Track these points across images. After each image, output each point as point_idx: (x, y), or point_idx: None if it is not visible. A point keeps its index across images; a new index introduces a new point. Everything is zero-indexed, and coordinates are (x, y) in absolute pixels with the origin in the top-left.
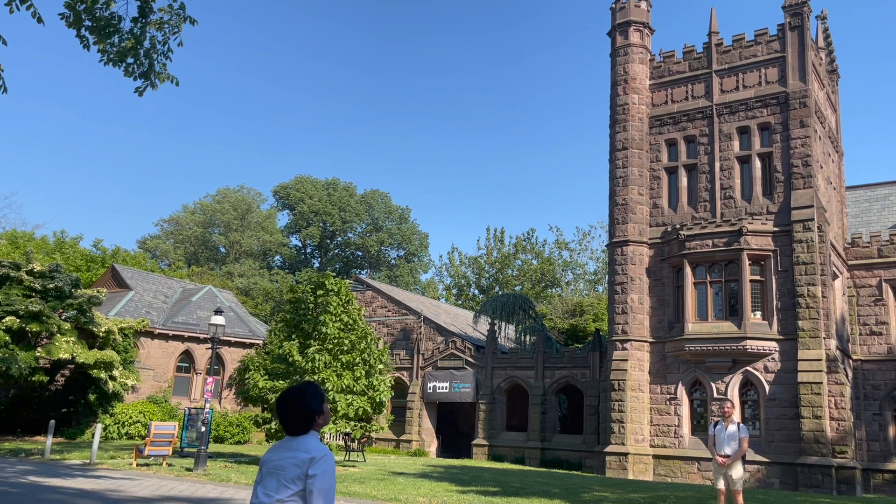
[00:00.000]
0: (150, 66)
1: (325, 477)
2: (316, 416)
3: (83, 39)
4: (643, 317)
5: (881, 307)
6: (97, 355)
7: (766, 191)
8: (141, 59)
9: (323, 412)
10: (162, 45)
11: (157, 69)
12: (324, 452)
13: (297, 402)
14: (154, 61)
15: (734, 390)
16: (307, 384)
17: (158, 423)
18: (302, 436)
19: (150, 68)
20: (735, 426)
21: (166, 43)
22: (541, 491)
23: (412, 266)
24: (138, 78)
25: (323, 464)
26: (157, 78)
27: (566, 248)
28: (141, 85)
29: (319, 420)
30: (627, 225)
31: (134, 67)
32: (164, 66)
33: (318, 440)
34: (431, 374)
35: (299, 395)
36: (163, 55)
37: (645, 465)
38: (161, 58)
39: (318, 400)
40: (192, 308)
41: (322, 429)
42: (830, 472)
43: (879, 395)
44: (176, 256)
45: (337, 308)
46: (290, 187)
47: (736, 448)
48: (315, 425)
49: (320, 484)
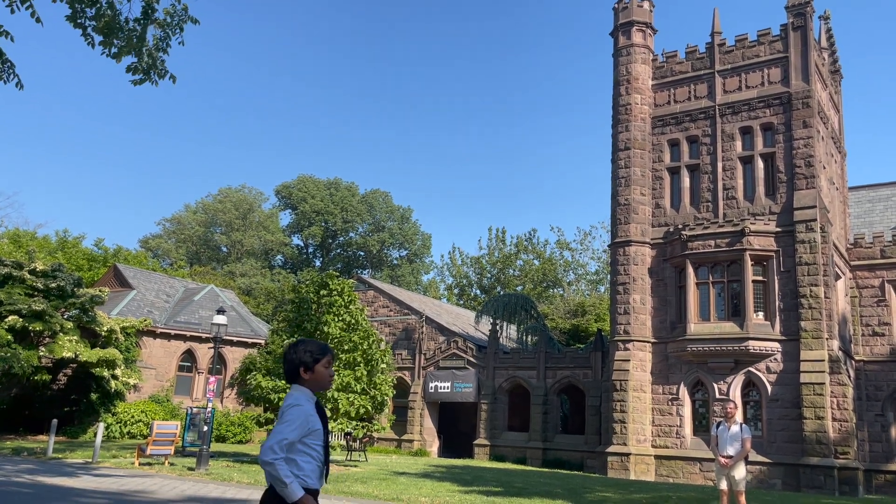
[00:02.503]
0: (153, 63)
1: (280, 419)
2: (300, 369)
3: (88, 38)
4: (645, 317)
5: (884, 308)
6: (99, 354)
7: (769, 191)
8: (144, 57)
9: (311, 369)
10: (163, 41)
11: (157, 67)
12: (294, 403)
13: (289, 353)
14: (156, 59)
15: (736, 391)
16: (307, 340)
17: (160, 423)
18: (294, 385)
19: (153, 66)
20: (738, 427)
21: (166, 40)
22: (543, 491)
23: (414, 266)
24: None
25: (283, 411)
26: (156, 74)
27: (567, 249)
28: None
29: (305, 375)
30: (630, 225)
31: (137, 65)
32: (163, 63)
33: (300, 392)
34: (433, 373)
35: (293, 346)
36: (162, 51)
37: (647, 466)
38: (161, 54)
39: (307, 354)
40: (194, 307)
41: (315, 387)
42: (833, 473)
43: (882, 396)
44: (178, 256)
45: (339, 308)
46: (292, 187)
47: (739, 449)
48: (301, 379)
49: (276, 426)
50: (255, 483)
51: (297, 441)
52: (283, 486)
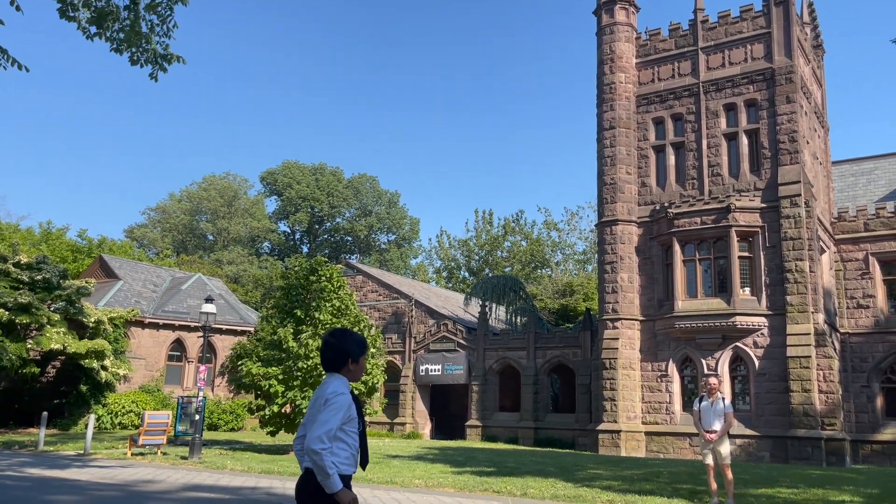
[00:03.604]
0: (154, 49)
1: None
2: (348, 359)
3: (85, 31)
4: (633, 295)
5: (868, 280)
6: (88, 345)
7: (754, 167)
8: (143, 45)
9: (357, 361)
10: (161, 26)
11: (160, 52)
12: (340, 391)
13: (336, 341)
14: (156, 45)
15: (724, 366)
16: (351, 331)
17: (152, 413)
18: (330, 373)
19: (155, 52)
20: (720, 402)
21: (164, 24)
22: (535, 470)
23: (402, 250)
24: (146, 64)
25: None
26: (164, 60)
27: (555, 229)
28: (152, 70)
29: (351, 366)
30: (616, 204)
31: (139, 55)
32: (167, 47)
33: (340, 381)
34: (423, 356)
35: (341, 335)
36: (164, 36)
37: (637, 442)
38: (164, 39)
39: (357, 346)
40: (182, 296)
41: (353, 378)
42: (820, 445)
43: (867, 368)
44: (164, 245)
45: (329, 294)
46: (277, 173)
47: (722, 423)
48: (345, 369)
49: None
50: (248, 470)
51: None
52: (326, 477)
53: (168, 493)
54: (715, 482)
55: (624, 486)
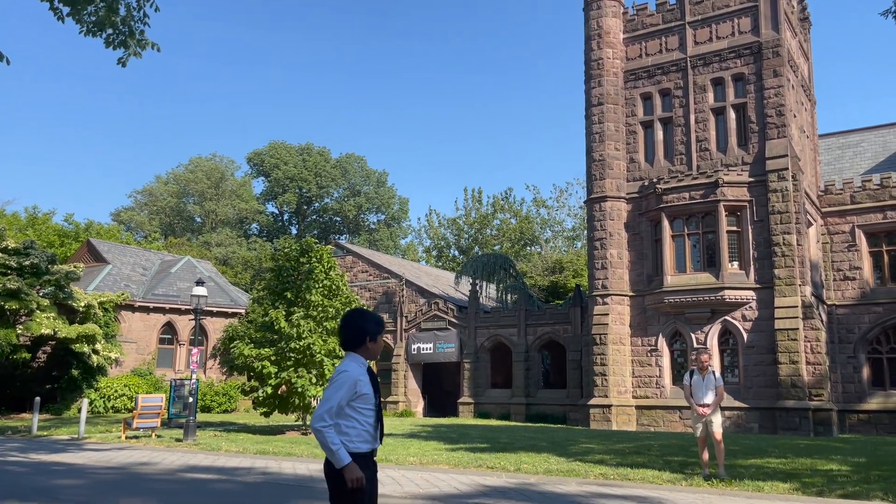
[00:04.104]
0: (130, 33)
1: (330, 385)
2: (367, 338)
3: (57, 11)
4: (622, 271)
5: (854, 253)
6: (78, 330)
7: (741, 142)
8: (119, 27)
9: (375, 339)
10: (138, 10)
11: (136, 37)
12: (344, 369)
13: (355, 321)
14: (133, 28)
15: (713, 340)
16: (369, 311)
17: (145, 396)
18: (348, 353)
19: (130, 36)
20: (711, 375)
21: (142, 8)
22: (528, 445)
23: (392, 230)
24: (118, 47)
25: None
26: (137, 45)
27: (544, 206)
28: (123, 55)
29: (369, 344)
30: (605, 181)
31: (113, 37)
32: (143, 33)
33: (352, 360)
34: (415, 335)
35: (360, 315)
36: (140, 21)
37: (628, 416)
38: (139, 24)
39: (375, 325)
40: (171, 280)
41: (369, 356)
42: (807, 415)
43: (853, 339)
44: (151, 228)
45: (320, 275)
46: (264, 154)
47: (713, 397)
48: (362, 348)
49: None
50: (243, 451)
51: (346, 405)
52: (331, 453)
53: (166, 475)
54: (706, 454)
55: (616, 460)
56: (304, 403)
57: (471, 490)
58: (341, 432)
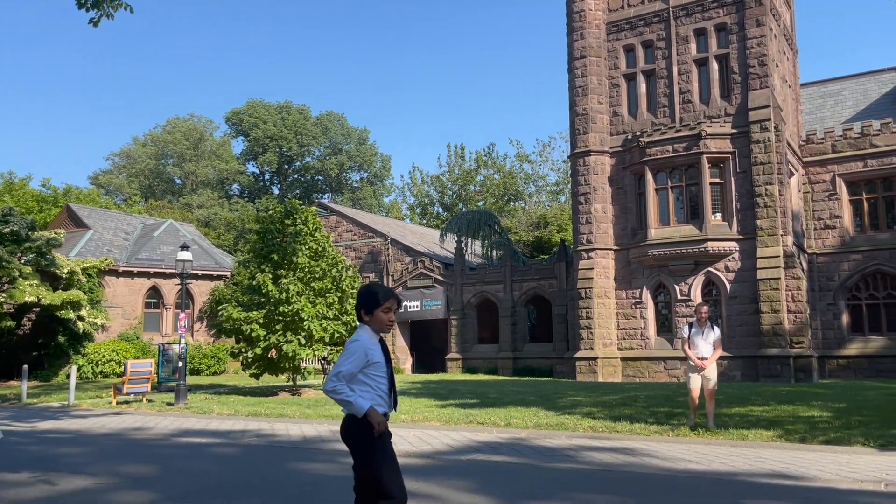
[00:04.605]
0: None
1: (342, 353)
2: (361, 312)
3: None
4: (607, 225)
5: (835, 201)
6: (63, 296)
7: (724, 93)
8: None
9: (370, 312)
10: None
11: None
12: (355, 339)
13: (361, 294)
14: None
15: (697, 291)
16: (377, 285)
17: (134, 362)
18: (361, 324)
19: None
20: (711, 328)
21: None
22: (517, 399)
23: (375, 188)
24: (91, 8)
25: (346, 345)
26: (110, 6)
27: (527, 161)
28: (95, 15)
29: (365, 317)
30: (588, 135)
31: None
32: None
33: (363, 330)
34: (402, 294)
35: (366, 289)
36: None
37: (614, 368)
38: None
39: (370, 297)
40: (154, 244)
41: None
42: (789, 362)
43: (833, 286)
44: (131, 191)
45: (306, 236)
46: (242, 113)
47: (712, 351)
48: (370, 318)
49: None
50: (235, 414)
51: (358, 372)
52: (349, 405)
53: (162, 440)
54: (697, 404)
55: (604, 412)
56: (293, 365)
57: (463, 446)
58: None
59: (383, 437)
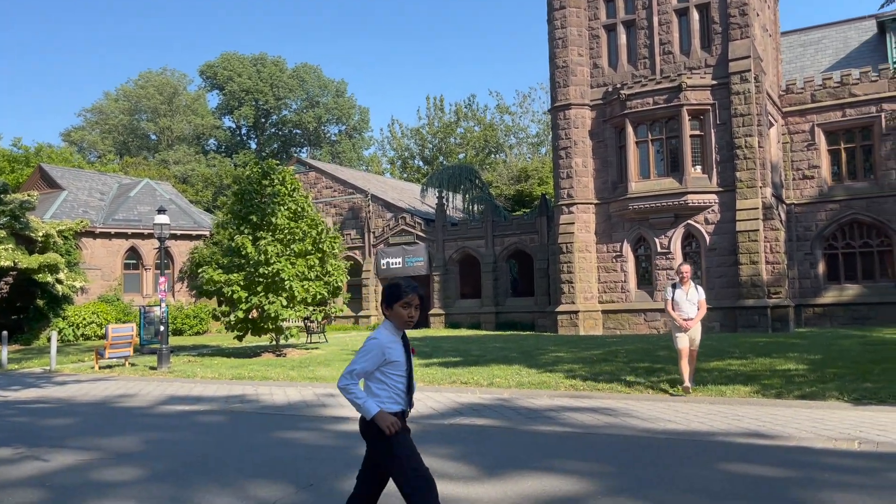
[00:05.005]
0: None
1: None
2: (383, 307)
3: None
4: (588, 179)
5: (813, 151)
6: (39, 260)
7: (705, 43)
8: None
9: (390, 307)
10: None
11: None
12: (373, 337)
13: (383, 290)
14: None
15: (677, 244)
16: (394, 280)
17: (115, 326)
18: (384, 320)
19: None
20: (694, 288)
21: None
22: (500, 357)
23: (354, 141)
24: None
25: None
26: None
27: (507, 113)
28: None
29: (386, 312)
30: (569, 88)
31: None
32: None
33: (383, 327)
34: (384, 251)
35: (387, 285)
36: None
37: (595, 321)
38: None
39: (387, 296)
40: (131, 204)
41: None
42: (766, 313)
43: (811, 236)
44: (105, 147)
45: (284, 197)
46: (217, 66)
47: (696, 311)
48: (390, 314)
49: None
50: (219, 377)
51: (375, 370)
52: (359, 407)
53: (147, 409)
54: (686, 365)
55: (585, 369)
56: (276, 326)
57: (446, 409)
58: (373, 394)
59: (399, 436)
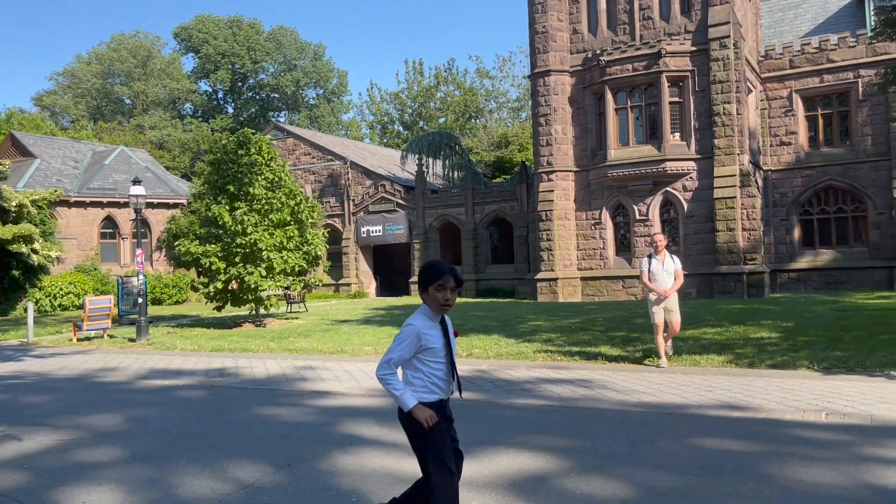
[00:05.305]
0: None
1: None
2: (420, 290)
3: None
4: (567, 147)
5: (791, 118)
6: (13, 230)
7: (684, 9)
8: None
9: (426, 290)
10: None
11: None
12: (409, 323)
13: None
14: None
15: (655, 211)
16: (435, 264)
17: (93, 298)
18: (422, 304)
19: None
20: (670, 259)
21: None
22: (479, 326)
23: (333, 105)
24: None
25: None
26: None
27: (487, 77)
28: None
29: (423, 296)
30: (549, 54)
31: None
32: None
33: (419, 312)
34: (364, 218)
35: (423, 265)
36: None
37: (574, 288)
38: None
39: (423, 275)
40: (106, 172)
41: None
42: (742, 279)
43: (787, 202)
44: (78, 112)
45: (261, 167)
46: (191, 28)
47: (672, 281)
48: (425, 297)
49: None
50: (198, 349)
51: (412, 357)
52: (397, 399)
53: (128, 383)
54: (662, 338)
55: (563, 339)
56: (256, 297)
57: None
58: (408, 382)
59: (435, 432)
